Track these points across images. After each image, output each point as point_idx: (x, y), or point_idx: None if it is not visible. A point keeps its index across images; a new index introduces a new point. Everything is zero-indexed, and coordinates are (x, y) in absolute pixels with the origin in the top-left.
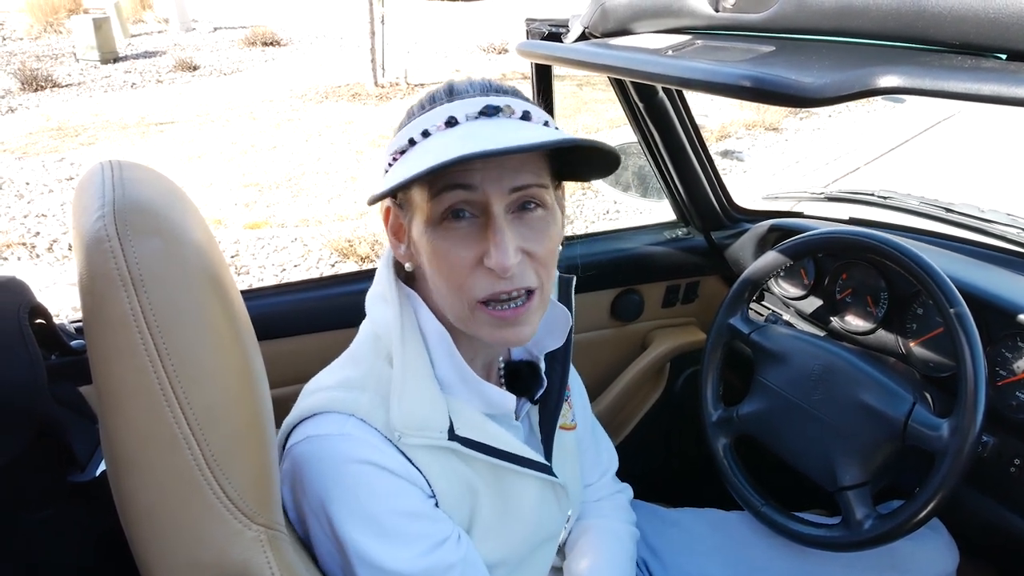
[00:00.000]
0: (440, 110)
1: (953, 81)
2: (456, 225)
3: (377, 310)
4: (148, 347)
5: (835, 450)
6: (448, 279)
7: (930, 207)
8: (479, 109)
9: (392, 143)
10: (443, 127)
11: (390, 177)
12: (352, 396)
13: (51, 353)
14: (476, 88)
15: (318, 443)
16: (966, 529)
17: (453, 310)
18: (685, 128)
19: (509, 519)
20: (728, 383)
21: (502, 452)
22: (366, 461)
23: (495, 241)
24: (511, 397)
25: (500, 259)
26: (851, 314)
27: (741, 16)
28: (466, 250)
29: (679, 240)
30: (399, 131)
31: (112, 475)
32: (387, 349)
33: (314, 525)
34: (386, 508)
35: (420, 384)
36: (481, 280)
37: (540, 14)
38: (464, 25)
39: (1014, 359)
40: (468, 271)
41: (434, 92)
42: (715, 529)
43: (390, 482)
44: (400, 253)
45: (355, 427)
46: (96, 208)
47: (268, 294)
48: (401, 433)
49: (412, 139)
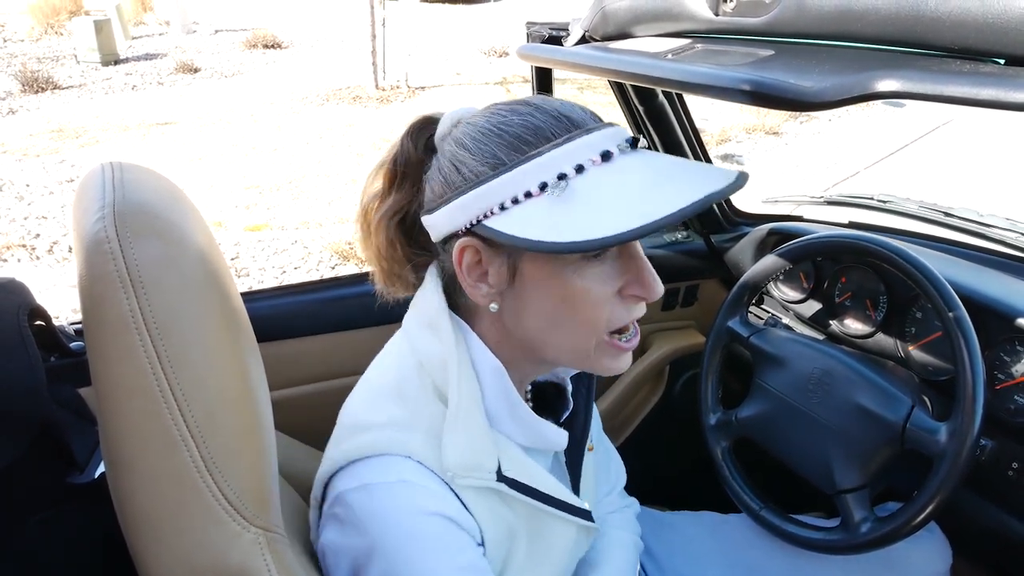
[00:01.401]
0: (583, 142)
1: (951, 85)
2: (594, 262)
3: (423, 340)
4: (147, 349)
5: (834, 453)
6: (586, 317)
7: (929, 211)
8: (627, 140)
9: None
10: (599, 162)
11: (559, 217)
12: (405, 436)
13: (51, 355)
14: (590, 116)
15: (378, 491)
16: (964, 532)
17: (574, 346)
18: (685, 131)
19: (541, 561)
20: (727, 386)
21: (547, 497)
22: (430, 513)
23: (645, 271)
24: (564, 434)
25: (656, 287)
26: (850, 318)
27: (741, 20)
28: (606, 285)
29: (679, 243)
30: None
31: (111, 477)
32: (432, 381)
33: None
34: (450, 564)
35: (472, 422)
36: (618, 310)
37: (540, 17)
38: (465, 28)
39: (1012, 363)
40: (607, 307)
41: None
42: (713, 532)
43: (455, 535)
44: (482, 295)
45: (413, 472)
46: (96, 210)
47: (268, 296)
48: (454, 473)
49: (563, 174)
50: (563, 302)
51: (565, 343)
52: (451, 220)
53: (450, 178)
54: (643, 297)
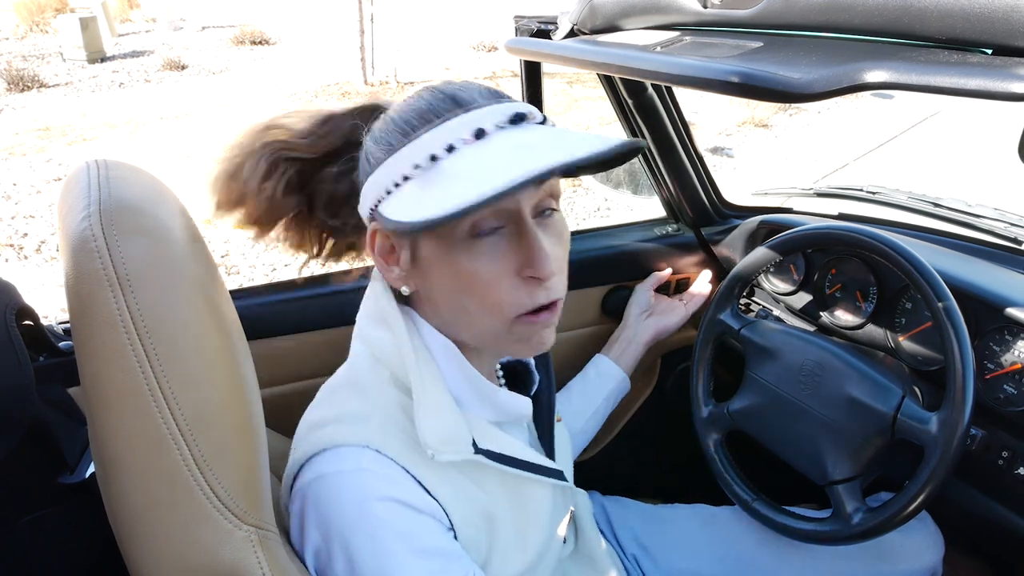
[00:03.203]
0: (460, 120)
1: (939, 76)
2: (488, 239)
3: (375, 333)
4: (136, 347)
5: (825, 444)
6: (481, 299)
7: (918, 202)
8: (507, 118)
9: (395, 159)
10: (471, 140)
11: (423, 198)
12: (362, 427)
13: (39, 355)
14: (482, 95)
15: (334, 481)
16: (955, 521)
17: (484, 329)
18: (674, 124)
19: (528, 530)
20: (719, 379)
21: (522, 462)
22: (388, 498)
23: (536, 248)
24: (527, 400)
25: (545, 266)
26: (840, 309)
27: (729, 12)
28: (499, 264)
29: (669, 236)
30: (395, 147)
31: (101, 476)
32: (390, 372)
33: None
34: (409, 548)
35: (440, 402)
36: (519, 294)
37: (529, 11)
38: (453, 23)
39: (1002, 352)
40: (505, 287)
41: (430, 101)
42: (706, 525)
43: (412, 520)
44: (394, 277)
45: (372, 460)
46: (82, 208)
47: (258, 293)
48: (434, 450)
49: (434, 155)
50: (459, 283)
51: (476, 326)
52: (364, 208)
53: (364, 168)
54: (536, 277)
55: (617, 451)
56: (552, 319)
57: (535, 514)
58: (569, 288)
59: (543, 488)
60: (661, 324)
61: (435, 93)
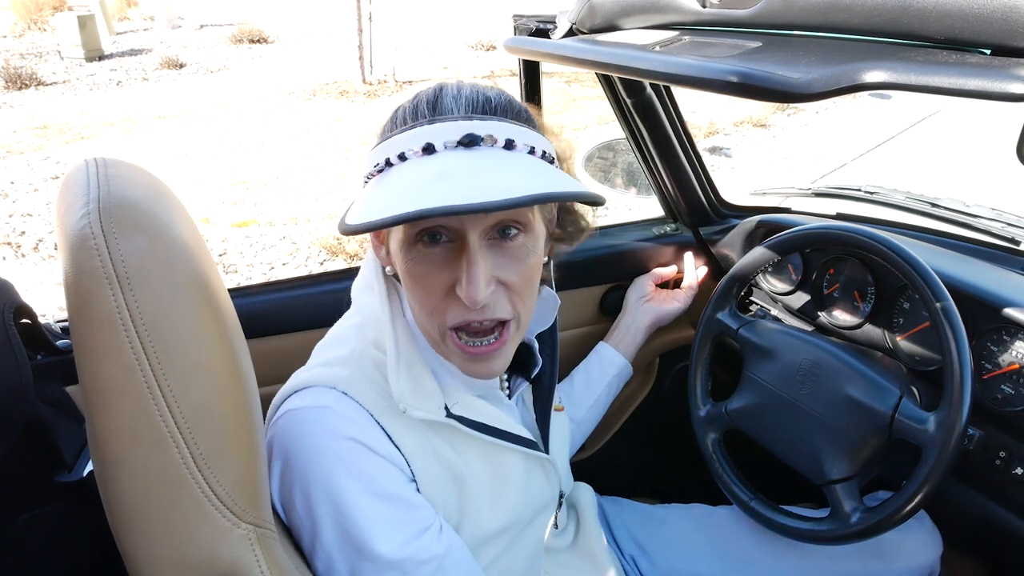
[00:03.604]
0: (420, 132)
1: (938, 76)
2: (430, 249)
3: (363, 299)
4: (134, 345)
5: (823, 444)
6: (421, 302)
7: (916, 202)
8: (457, 139)
9: (373, 154)
10: (420, 153)
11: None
12: (334, 371)
13: (37, 353)
14: (461, 105)
15: (299, 416)
16: (952, 521)
17: (426, 332)
18: (673, 124)
19: (502, 492)
20: (717, 378)
21: (491, 428)
22: (346, 437)
23: (467, 272)
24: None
25: (471, 292)
26: (838, 309)
27: (728, 12)
28: (439, 276)
29: (667, 236)
30: (381, 140)
31: (99, 474)
32: (372, 335)
33: (290, 500)
34: (364, 489)
35: (413, 363)
36: (453, 308)
37: (528, 10)
38: (452, 22)
39: (999, 352)
40: (440, 297)
41: (418, 102)
42: (703, 525)
43: (370, 462)
44: (381, 256)
45: (336, 400)
46: (81, 206)
47: (256, 292)
48: (407, 405)
49: (389, 160)
50: (405, 280)
51: (421, 324)
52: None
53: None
54: (461, 297)
55: (615, 451)
56: (492, 352)
57: (509, 480)
58: (567, 287)
59: (513, 455)
60: (661, 309)
61: (430, 93)
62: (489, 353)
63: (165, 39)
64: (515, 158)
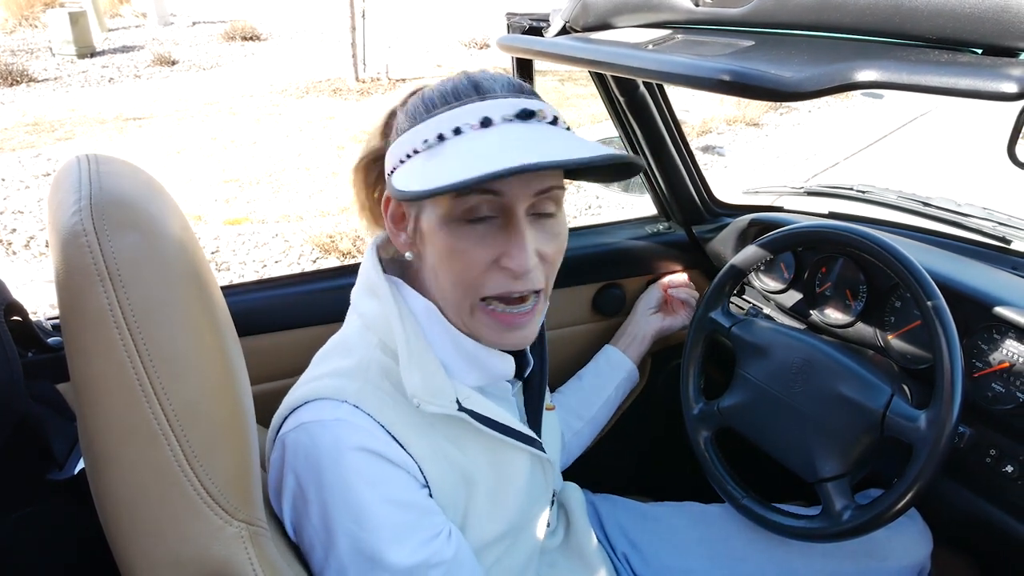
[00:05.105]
0: (472, 107)
1: (929, 75)
2: (473, 226)
3: (365, 304)
4: (126, 342)
5: (815, 442)
6: (459, 276)
7: (908, 201)
8: (515, 112)
9: (412, 133)
10: (477, 127)
11: (422, 172)
12: (344, 383)
13: (28, 350)
14: (503, 86)
15: (312, 429)
16: (943, 518)
17: (455, 303)
18: (666, 123)
19: (505, 494)
20: (709, 376)
21: (503, 426)
22: (361, 448)
23: (517, 243)
24: (509, 359)
25: (522, 261)
26: (830, 307)
27: (721, 11)
28: (483, 250)
29: (660, 235)
30: (416, 122)
31: (91, 472)
32: (378, 339)
33: (304, 513)
34: (380, 497)
35: (426, 360)
36: (494, 279)
37: (521, 8)
38: (445, 20)
39: (990, 351)
40: (480, 270)
41: (456, 85)
42: (696, 523)
43: (385, 470)
44: (400, 241)
45: (348, 413)
46: (72, 202)
47: (249, 290)
48: (420, 400)
49: (442, 135)
50: (443, 258)
51: (449, 300)
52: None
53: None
54: (511, 269)
55: (607, 449)
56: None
57: (511, 480)
58: (560, 286)
59: (521, 455)
60: (665, 323)
61: (464, 78)
62: (524, 321)
63: (157, 36)
64: (564, 132)
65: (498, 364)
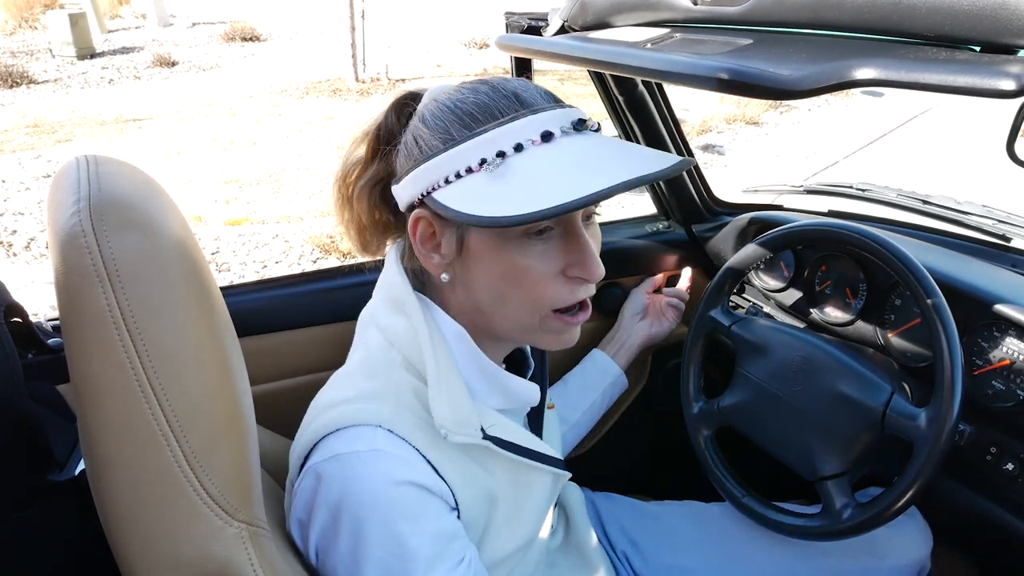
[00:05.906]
0: (527, 121)
1: (928, 73)
2: (538, 242)
3: (389, 319)
4: (125, 343)
5: (815, 440)
6: (527, 293)
7: (907, 199)
8: (572, 123)
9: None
10: (539, 142)
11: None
12: (376, 407)
13: (28, 352)
14: (542, 95)
15: (348, 460)
16: (943, 517)
17: (519, 321)
18: (665, 121)
19: (524, 511)
20: (709, 375)
21: (528, 450)
22: (399, 482)
23: (585, 252)
24: (535, 387)
25: (596, 269)
26: (830, 306)
27: (719, 9)
28: (548, 264)
29: (660, 233)
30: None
31: (91, 473)
32: (403, 357)
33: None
34: (418, 530)
35: (454, 386)
36: (562, 290)
37: (520, 8)
38: (445, 20)
39: (990, 349)
40: (548, 284)
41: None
42: (696, 521)
43: (422, 502)
44: (434, 264)
45: (385, 440)
46: (71, 203)
47: (248, 290)
48: (448, 431)
49: (502, 151)
50: (505, 277)
51: (510, 317)
52: (409, 191)
53: (411, 151)
54: (584, 278)
55: (607, 447)
56: (585, 317)
57: (532, 499)
58: None
59: (544, 476)
60: (652, 331)
61: (497, 89)
62: (584, 318)
63: (157, 37)
64: (618, 141)
65: (525, 391)
